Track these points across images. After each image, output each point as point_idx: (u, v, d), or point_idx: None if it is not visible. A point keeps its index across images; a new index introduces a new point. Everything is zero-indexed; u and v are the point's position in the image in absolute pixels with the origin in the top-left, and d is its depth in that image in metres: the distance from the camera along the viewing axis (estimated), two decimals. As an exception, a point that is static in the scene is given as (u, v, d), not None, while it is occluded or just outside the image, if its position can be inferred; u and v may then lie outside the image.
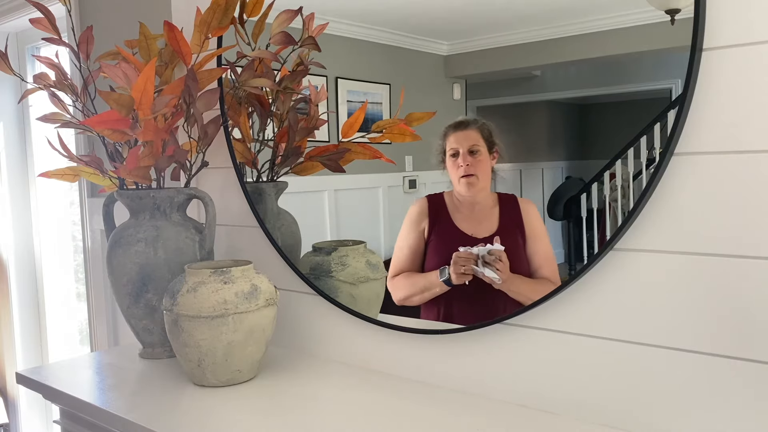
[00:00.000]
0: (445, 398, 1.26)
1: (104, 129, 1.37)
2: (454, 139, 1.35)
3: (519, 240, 1.30)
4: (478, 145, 1.33)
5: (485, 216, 1.35)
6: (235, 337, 1.30)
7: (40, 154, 3.09)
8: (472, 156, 1.33)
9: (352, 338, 1.48)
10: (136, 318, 1.53)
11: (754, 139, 0.94)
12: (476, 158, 1.33)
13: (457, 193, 1.36)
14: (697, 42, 0.97)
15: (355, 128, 1.46)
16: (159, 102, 1.36)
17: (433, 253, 1.37)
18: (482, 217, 1.35)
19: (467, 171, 1.34)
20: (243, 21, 1.52)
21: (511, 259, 1.27)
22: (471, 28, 1.35)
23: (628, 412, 1.09)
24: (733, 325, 0.98)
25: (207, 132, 1.47)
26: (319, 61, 1.50)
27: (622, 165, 1.20)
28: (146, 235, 1.48)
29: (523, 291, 1.26)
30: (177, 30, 1.38)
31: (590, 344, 1.12)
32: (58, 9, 1.90)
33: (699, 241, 1.00)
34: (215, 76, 1.46)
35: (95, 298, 2.43)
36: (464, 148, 1.33)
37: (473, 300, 1.31)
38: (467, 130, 1.35)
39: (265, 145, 1.58)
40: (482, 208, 1.35)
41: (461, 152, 1.33)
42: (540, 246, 1.30)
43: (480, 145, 1.33)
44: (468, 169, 1.33)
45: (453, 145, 1.34)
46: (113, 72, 1.36)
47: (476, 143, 1.33)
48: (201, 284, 1.31)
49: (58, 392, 1.39)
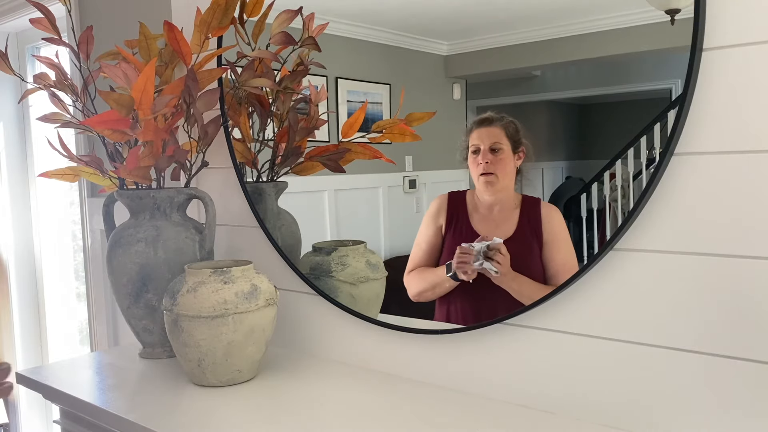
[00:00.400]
0: (445, 398, 1.26)
1: (104, 129, 1.37)
2: (477, 135, 1.31)
3: (534, 245, 1.27)
4: (501, 143, 1.29)
5: (504, 218, 1.31)
6: (235, 337, 1.30)
7: (40, 154, 3.09)
8: (493, 154, 1.29)
9: (352, 338, 1.48)
10: (136, 318, 1.53)
11: (754, 139, 0.94)
12: (497, 156, 1.29)
13: (477, 193, 1.33)
14: (697, 42, 0.97)
15: (355, 128, 1.46)
16: (159, 102, 1.36)
17: (447, 252, 1.35)
18: (501, 220, 1.32)
19: (486, 169, 1.30)
20: (243, 21, 1.52)
21: (522, 264, 1.25)
22: (471, 28, 1.35)
23: (628, 412, 1.09)
24: (734, 325, 0.98)
25: (207, 132, 1.47)
26: (319, 61, 1.50)
27: (622, 165, 1.20)
28: (146, 235, 1.48)
29: (528, 292, 1.24)
30: (177, 30, 1.38)
31: (590, 344, 1.12)
32: (58, 9, 1.90)
33: (699, 241, 1.00)
34: (215, 76, 1.46)
35: (95, 298, 2.43)
36: (485, 145, 1.29)
37: (479, 297, 1.30)
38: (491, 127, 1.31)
39: (265, 145, 1.58)
40: (502, 209, 1.32)
41: (482, 149, 1.29)
42: (557, 254, 1.26)
43: (503, 143, 1.29)
44: (487, 167, 1.30)
45: (475, 141, 1.31)
46: (113, 72, 1.36)
47: (499, 141, 1.29)
48: (201, 284, 1.31)
49: (58, 392, 1.39)
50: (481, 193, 1.33)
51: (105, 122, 1.35)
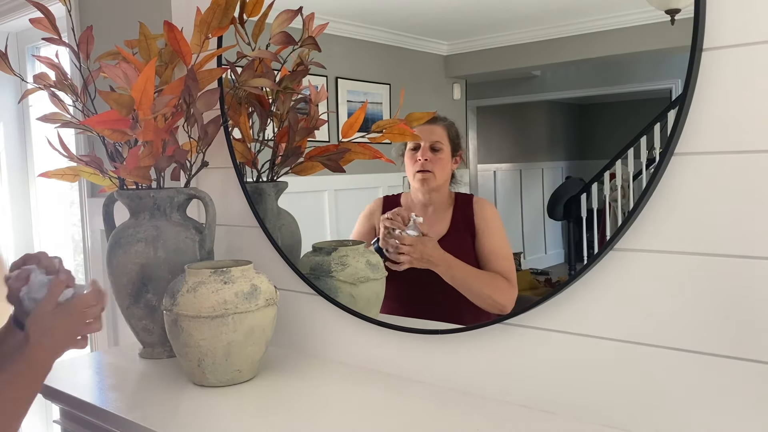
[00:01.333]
0: (445, 398, 1.26)
1: (104, 129, 1.37)
2: (418, 131, 1.30)
3: (468, 239, 1.28)
4: (442, 142, 1.28)
5: (438, 218, 1.31)
6: (235, 337, 1.30)
7: (40, 154, 3.09)
8: (432, 152, 1.27)
9: (352, 338, 1.48)
10: (136, 318, 1.53)
11: (754, 139, 0.94)
12: (437, 156, 1.28)
13: (412, 193, 1.32)
14: (697, 42, 0.96)
15: (355, 128, 1.46)
16: (159, 102, 1.36)
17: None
18: (435, 220, 1.31)
19: (424, 166, 1.28)
20: (243, 21, 1.52)
21: (457, 257, 1.26)
22: (471, 28, 1.35)
23: (628, 412, 1.09)
24: (734, 325, 0.98)
25: (207, 132, 1.47)
26: (319, 61, 1.50)
27: (622, 165, 1.20)
28: (146, 235, 1.48)
29: (462, 275, 1.24)
30: (177, 30, 1.38)
31: (590, 344, 1.12)
32: (58, 9, 1.89)
33: (699, 241, 1.00)
34: (215, 76, 1.46)
35: (95, 298, 2.42)
36: (426, 143, 1.27)
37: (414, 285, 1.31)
38: (433, 125, 1.30)
39: (265, 145, 1.58)
40: (436, 209, 1.31)
41: (422, 146, 1.27)
42: (488, 241, 1.27)
43: (443, 143, 1.28)
44: (425, 164, 1.28)
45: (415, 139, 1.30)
46: (113, 72, 1.36)
47: (440, 140, 1.28)
48: (201, 284, 1.31)
49: (58, 392, 1.39)
50: (416, 192, 1.32)
51: (105, 122, 1.35)
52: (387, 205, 1.38)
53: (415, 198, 1.31)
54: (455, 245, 1.26)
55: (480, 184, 1.44)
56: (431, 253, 1.27)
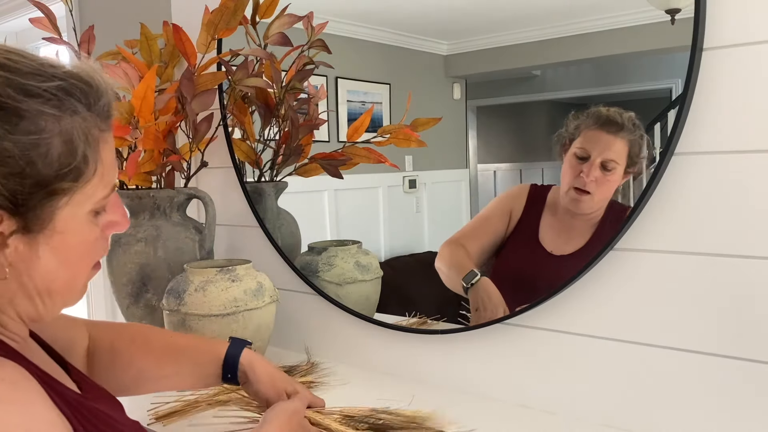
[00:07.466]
0: (445, 398, 1.26)
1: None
2: (592, 138, 1.06)
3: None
4: (617, 162, 1.03)
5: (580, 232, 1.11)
6: (244, 335, 1.31)
7: (40, 154, 3.08)
8: (602, 171, 1.04)
9: (351, 338, 1.48)
10: (136, 318, 1.53)
11: (754, 138, 0.94)
12: (605, 177, 1.04)
13: (561, 198, 1.13)
14: (697, 42, 0.97)
15: (361, 132, 1.45)
16: (159, 101, 1.36)
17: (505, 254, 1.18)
18: (576, 233, 1.11)
19: (586, 186, 1.05)
20: (255, 22, 1.50)
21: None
22: (471, 28, 1.35)
23: (628, 412, 1.09)
24: (734, 325, 0.98)
25: (198, 129, 1.46)
26: (319, 60, 1.50)
27: (623, 165, 1.20)
28: (146, 235, 1.48)
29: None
30: (182, 31, 1.37)
31: (590, 344, 1.12)
32: (59, 8, 1.89)
33: (699, 241, 1.00)
34: (219, 80, 1.45)
35: (95, 298, 2.43)
36: (598, 157, 1.03)
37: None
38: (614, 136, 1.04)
39: (267, 145, 1.58)
40: (583, 222, 1.11)
41: (592, 159, 1.04)
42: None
43: (619, 162, 1.03)
44: (589, 184, 1.04)
45: (585, 145, 1.06)
46: (114, 72, 1.36)
47: (615, 159, 1.03)
48: (209, 283, 1.32)
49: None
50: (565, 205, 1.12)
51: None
52: (533, 195, 1.18)
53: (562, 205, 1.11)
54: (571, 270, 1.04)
55: (480, 184, 1.45)
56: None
